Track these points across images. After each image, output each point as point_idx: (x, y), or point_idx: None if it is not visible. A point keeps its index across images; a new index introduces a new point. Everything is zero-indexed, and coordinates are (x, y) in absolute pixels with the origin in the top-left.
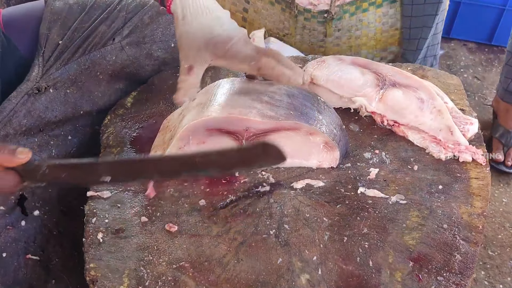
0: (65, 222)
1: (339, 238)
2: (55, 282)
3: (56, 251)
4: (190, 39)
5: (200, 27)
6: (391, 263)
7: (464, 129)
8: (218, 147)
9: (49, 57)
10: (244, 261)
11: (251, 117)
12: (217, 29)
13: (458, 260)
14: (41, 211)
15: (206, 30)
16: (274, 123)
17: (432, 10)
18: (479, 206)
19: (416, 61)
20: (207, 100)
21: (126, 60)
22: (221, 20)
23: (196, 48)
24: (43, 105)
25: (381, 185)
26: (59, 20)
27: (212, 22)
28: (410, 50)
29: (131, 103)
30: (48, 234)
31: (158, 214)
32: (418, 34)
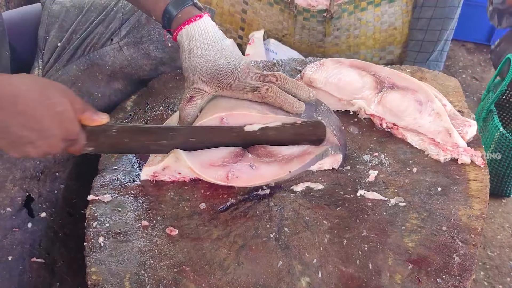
0: (71, 223)
1: (338, 240)
2: (59, 284)
3: (61, 253)
4: (195, 72)
5: (205, 60)
6: (390, 265)
7: (463, 131)
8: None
9: (49, 59)
10: (245, 264)
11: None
12: (222, 61)
13: (457, 262)
14: (47, 213)
15: (210, 64)
16: (274, 118)
17: (455, 2)
18: (478, 208)
19: (434, 52)
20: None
21: (124, 61)
22: (225, 51)
23: (201, 81)
24: None
25: (381, 188)
26: (57, 23)
27: (217, 55)
28: (430, 41)
29: (131, 106)
30: (53, 236)
31: (159, 217)
32: (439, 25)
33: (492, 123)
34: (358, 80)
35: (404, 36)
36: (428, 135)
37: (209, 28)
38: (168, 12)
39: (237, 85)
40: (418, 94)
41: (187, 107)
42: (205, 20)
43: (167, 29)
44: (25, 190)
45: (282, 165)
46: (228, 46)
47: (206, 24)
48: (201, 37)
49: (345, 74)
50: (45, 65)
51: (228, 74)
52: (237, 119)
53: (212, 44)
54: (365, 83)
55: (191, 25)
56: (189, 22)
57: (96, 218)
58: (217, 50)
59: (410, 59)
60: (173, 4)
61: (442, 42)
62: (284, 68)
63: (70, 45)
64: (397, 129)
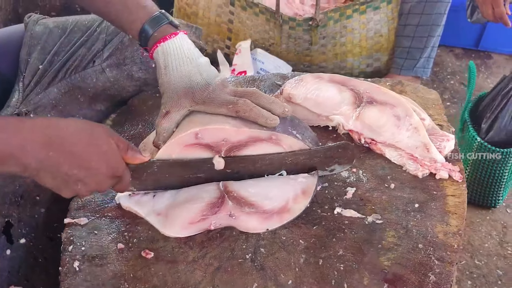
0: (51, 248)
1: (314, 260)
2: None
3: (41, 279)
4: (170, 87)
5: (180, 76)
6: (366, 285)
7: (441, 146)
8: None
9: (29, 82)
10: (220, 287)
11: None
12: (197, 77)
13: (432, 281)
14: (27, 239)
15: (185, 79)
16: (249, 132)
17: (441, 9)
18: (454, 225)
19: (421, 59)
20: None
21: (107, 82)
22: (200, 68)
23: (176, 96)
24: None
25: (358, 205)
26: (39, 44)
27: (192, 71)
28: (416, 48)
29: (110, 125)
30: (33, 262)
31: (135, 240)
32: (426, 32)
33: (468, 134)
34: (336, 95)
35: (390, 43)
36: (406, 150)
37: (185, 46)
38: (145, 31)
39: (212, 100)
40: (396, 109)
41: (163, 121)
42: (181, 38)
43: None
44: (4, 216)
45: (262, 221)
46: (203, 63)
47: (181, 42)
48: (176, 54)
49: (324, 89)
50: (25, 88)
51: (202, 89)
52: (211, 133)
53: (187, 60)
54: (343, 98)
55: (166, 42)
56: (164, 39)
57: (72, 242)
58: (192, 67)
59: (397, 66)
60: (149, 23)
61: (429, 49)
62: (265, 83)
63: (52, 67)
64: (376, 144)
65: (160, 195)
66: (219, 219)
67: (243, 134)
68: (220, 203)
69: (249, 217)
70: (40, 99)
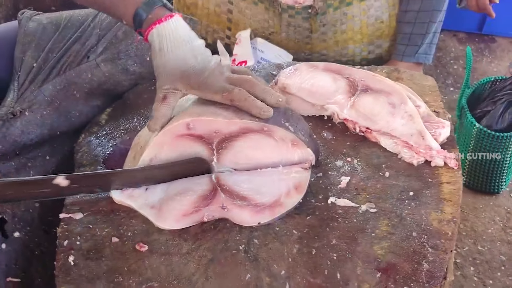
0: (48, 241)
1: (307, 250)
2: None
3: (38, 271)
4: (166, 70)
5: (176, 58)
6: (359, 274)
7: (436, 133)
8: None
9: (24, 80)
10: (213, 278)
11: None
12: (192, 61)
13: (426, 269)
14: (21, 232)
15: (181, 62)
16: (241, 122)
17: None
18: (449, 212)
19: (423, 45)
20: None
21: (102, 77)
22: (196, 51)
23: (171, 79)
24: (19, 129)
25: (352, 194)
26: (33, 42)
27: (187, 54)
28: (418, 34)
29: (105, 120)
30: (30, 255)
31: (129, 233)
32: (427, 18)
33: (466, 120)
34: (331, 84)
35: (392, 30)
36: (401, 138)
37: (180, 28)
38: (139, 15)
39: (207, 85)
40: (391, 97)
41: (162, 107)
42: (176, 19)
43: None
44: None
45: (253, 214)
46: (199, 45)
47: (177, 24)
48: (171, 36)
49: (318, 78)
50: (20, 87)
51: (198, 74)
52: (203, 124)
53: (183, 43)
54: (338, 87)
55: (161, 24)
56: (159, 21)
57: (67, 237)
58: (188, 49)
59: (399, 52)
60: (143, 7)
61: (430, 35)
62: (260, 74)
63: (46, 64)
64: (371, 133)
65: (153, 189)
66: (211, 211)
67: (235, 125)
68: (212, 195)
69: (241, 210)
70: (35, 97)
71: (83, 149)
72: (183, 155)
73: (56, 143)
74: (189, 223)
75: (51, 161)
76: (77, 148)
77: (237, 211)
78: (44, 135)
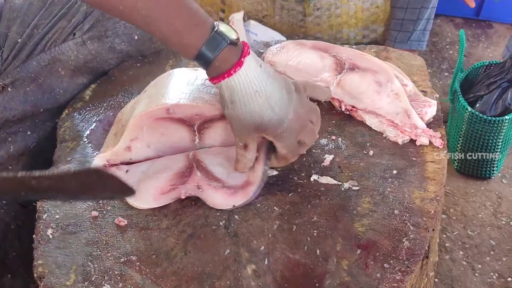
0: (24, 215)
1: (288, 227)
2: (11, 276)
3: (14, 246)
4: (241, 123)
5: (250, 112)
6: (338, 251)
7: (422, 111)
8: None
9: (8, 56)
10: (192, 253)
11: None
12: (268, 113)
13: (406, 246)
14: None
15: (256, 117)
16: None
17: None
18: (432, 191)
19: (415, 32)
20: (156, 91)
21: (88, 55)
22: (270, 101)
23: (247, 131)
24: (1, 105)
25: (335, 172)
26: (19, 18)
27: (262, 107)
28: (409, 19)
29: (89, 96)
30: (5, 228)
31: (109, 208)
32: (419, 3)
33: (459, 104)
34: (318, 62)
35: (387, 14)
36: (386, 116)
37: (251, 77)
38: (203, 57)
39: (283, 139)
40: (378, 75)
41: (246, 154)
42: (246, 68)
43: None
44: None
45: (227, 197)
46: (273, 93)
47: (247, 73)
48: (243, 90)
49: (305, 56)
50: (3, 62)
51: (275, 127)
52: (184, 109)
53: (256, 95)
54: (324, 65)
55: (231, 78)
56: (228, 74)
57: (47, 210)
58: (262, 102)
59: (391, 38)
60: (207, 47)
61: (423, 21)
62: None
63: (31, 40)
64: (356, 111)
65: (133, 171)
66: (188, 189)
67: (218, 109)
68: (188, 172)
69: (215, 192)
70: (18, 72)
71: (66, 124)
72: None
73: (38, 119)
74: (167, 201)
75: (32, 136)
76: (60, 123)
77: (211, 193)
78: (26, 112)
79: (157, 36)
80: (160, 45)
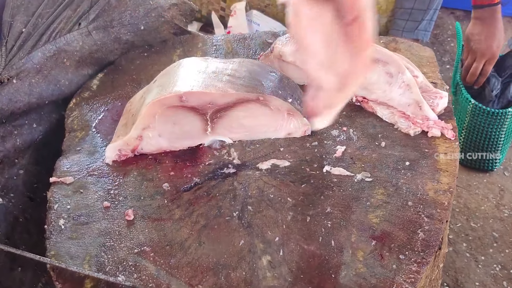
0: (32, 208)
1: (302, 218)
2: (21, 269)
3: (23, 238)
4: None
5: None
6: (353, 242)
7: (434, 103)
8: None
9: (12, 46)
10: (206, 244)
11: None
12: None
13: (421, 238)
14: (5, 199)
15: None
16: (236, 95)
17: None
18: (445, 182)
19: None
20: (168, 80)
21: (94, 46)
22: None
23: None
24: (6, 98)
25: (347, 163)
26: (22, 6)
27: None
28: (419, 9)
29: (97, 85)
30: (13, 222)
31: (121, 198)
32: None
33: (461, 97)
34: None
35: (390, 5)
36: (398, 108)
37: None
38: None
39: None
40: (389, 66)
41: None
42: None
43: None
44: None
45: None
46: None
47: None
48: None
49: None
50: (8, 52)
51: None
52: (197, 97)
53: None
54: None
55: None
56: None
57: (58, 201)
58: None
59: (398, 28)
60: None
61: (431, 11)
62: (256, 42)
63: (35, 30)
64: (367, 102)
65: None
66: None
67: (230, 97)
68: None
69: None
70: (24, 64)
71: (74, 114)
72: (176, 124)
73: (44, 111)
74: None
75: (38, 129)
76: (68, 112)
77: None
78: (32, 104)
79: None
80: (166, 35)
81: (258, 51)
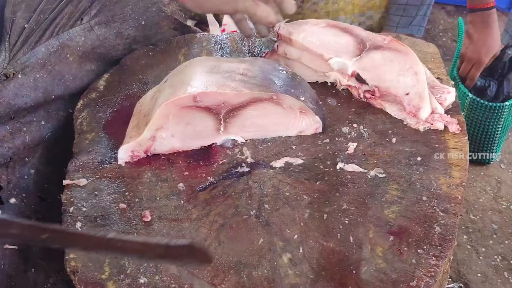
0: (43, 208)
1: (319, 215)
2: (34, 270)
3: None
4: None
5: None
6: (371, 238)
7: (442, 98)
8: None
9: (16, 42)
10: (226, 243)
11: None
12: None
13: (438, 232)
14: (17, 199)
15: None
16: (250, 94)
17: None
18: (458, 177)
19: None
20: (180, 80)
21: (96, 41)
22: None
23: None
24: (12, 92)
25: (360, 160)
26: (24, 3)
27: None
28: (413, 5)
29: (103, 86)
30: None
31: (136, 200)
32: None
33: (459, 91)
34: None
35: (384, 1)
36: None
37: None
38: None
39: None
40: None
41: None
42: None
43: None
44: None
45: None
46: None
47: None
48: None
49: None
50: (12, 48)
51: None
52: (211, 97)
53: None
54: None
55: None
56: None
57: (73, 203)
58: None
59: (392, 23)
60: None
61: (425, 6)
62: (260, 40)
63: (38, 26)
64: (376, 99)
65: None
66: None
67: (244, 96)
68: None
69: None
70: (28, 59)
71: (83, 115)
72: (189, 124)
73: (51, 107)
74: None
75: (47, 126)
76: (76, 114)
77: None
78: (38, 99)
79: None
80: (166, 30)
81: (263, 49)
